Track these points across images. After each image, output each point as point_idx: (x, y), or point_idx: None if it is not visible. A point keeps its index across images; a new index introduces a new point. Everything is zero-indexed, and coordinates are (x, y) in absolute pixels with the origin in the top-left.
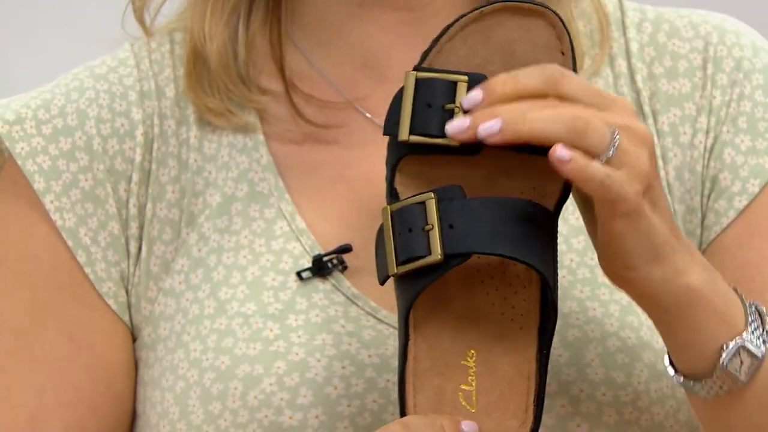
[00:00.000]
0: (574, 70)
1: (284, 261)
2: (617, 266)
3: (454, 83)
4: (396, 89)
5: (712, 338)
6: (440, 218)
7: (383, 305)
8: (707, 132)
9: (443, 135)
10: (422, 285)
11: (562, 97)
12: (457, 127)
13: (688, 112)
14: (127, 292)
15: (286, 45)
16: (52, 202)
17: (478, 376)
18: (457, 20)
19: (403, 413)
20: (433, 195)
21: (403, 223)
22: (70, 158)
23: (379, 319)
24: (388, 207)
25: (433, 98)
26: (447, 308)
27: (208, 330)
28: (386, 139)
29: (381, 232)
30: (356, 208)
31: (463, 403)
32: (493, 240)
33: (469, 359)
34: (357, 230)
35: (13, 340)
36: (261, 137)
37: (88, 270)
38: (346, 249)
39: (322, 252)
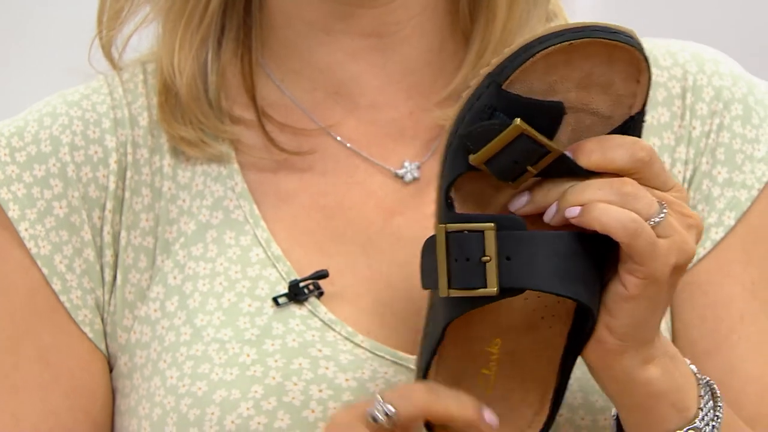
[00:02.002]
0: (646, 99)
1: (260, 287)
2: (608, 329)
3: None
4: (368, 116)
5: (663, 424)
6: (498, 250)
7: (360, 330)
8: (686, 163)
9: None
10: (469, 308)
11: (639, 180)
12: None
13: (667, 142)
14: (102, 320)
15: (257, 74)
16: (26, 229)
17: (500, 363)
18: (543, 47)
19: None
20: (493, 225)
21: (461, 251)
22: (45, 185)
23: (356, 344)
24: (444, 226)
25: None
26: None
27: (184, 357)
28: (361, 165)
29: (432, 247)
30: (331, 235)
31: (481, 385)
32: (551, 277)
33: (493, 347)
34: (332, 256)
35: None
36: (236, 166)
37: (63, 298)
38: (322, 275)
39: (299, 278)
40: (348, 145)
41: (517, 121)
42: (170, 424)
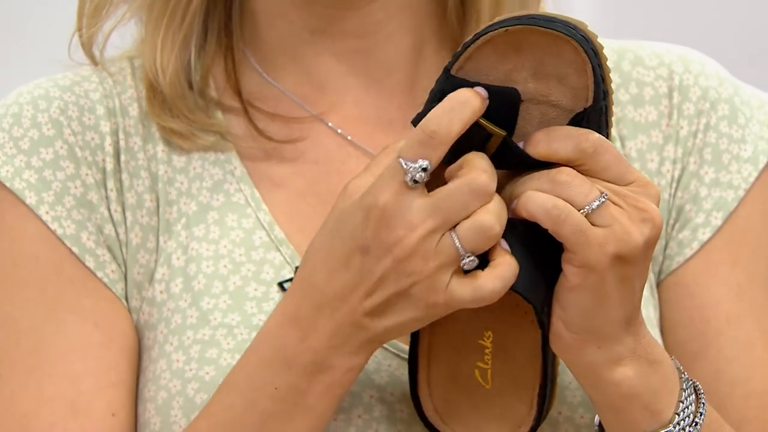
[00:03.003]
0: (597, 90)
1: (265, 271)
2: (562, 321)
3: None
4: (356, 109)
5: (635, 425)
6: None
7: None
8: (674, 162)
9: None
10: None
11: (586, 171)
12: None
13: (655, 140)
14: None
15: (245, 68)
16: (47, 212)
17: (493, 356)
18: (484, 32)
19: (414, 390)
20: None
21: None
22: (56, 167)
23: None
24: None
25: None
26: None
27: (191, 340)
28: (354, 153)
29: None
30: None
31: (479, 379)
32: None
33: (485, 339)
34: None
35: (34, 339)
36: (233, 152)
37: (99, 274)
38: None
39: None
40: (339, 131)
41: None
42: (176, 408)
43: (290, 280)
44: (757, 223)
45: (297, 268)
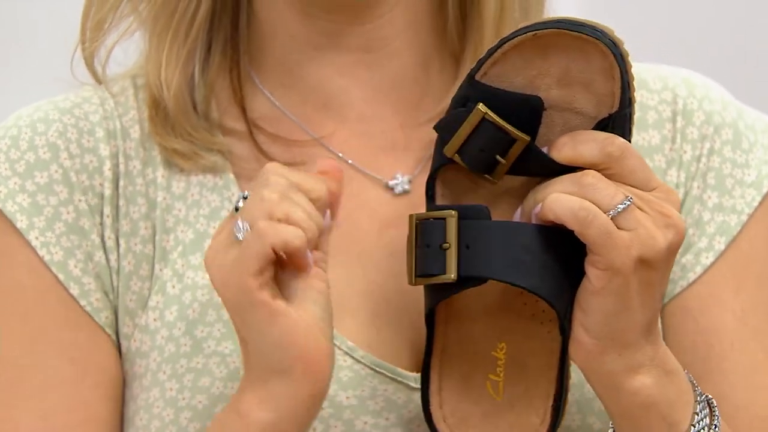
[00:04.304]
0: (624, 96)
1: None
2: (583, 326)
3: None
4: (358, 128)
5: None
6: (459, 238)
7: (360, 344)
8: (677, 186)
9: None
10: (439, 299)
11: (611, 176)
12: None
13: (658, 164)
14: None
15: (247, 87)
16: (37, 237)
17: (506, 368)
18: (511, 37)
19: (425, 400)
20: (454, 213)
21: (423, 237)
22: (49, 192)
23: (356, 359)
24: (414, 215)
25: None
26: (481, 300)
27: (184, 369)
28: (355, 177)
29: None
30: (330, 245)
31: (490, 391)
32: (509, 267)
33: (499, 351)
34: (331, 266)
35: (13, 372)
36: (231, 176)
37: (83, 302)
38: None
39: None
40: (340, 155)
41: (479, 105)
42: None
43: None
44: (761, 248)
45: None
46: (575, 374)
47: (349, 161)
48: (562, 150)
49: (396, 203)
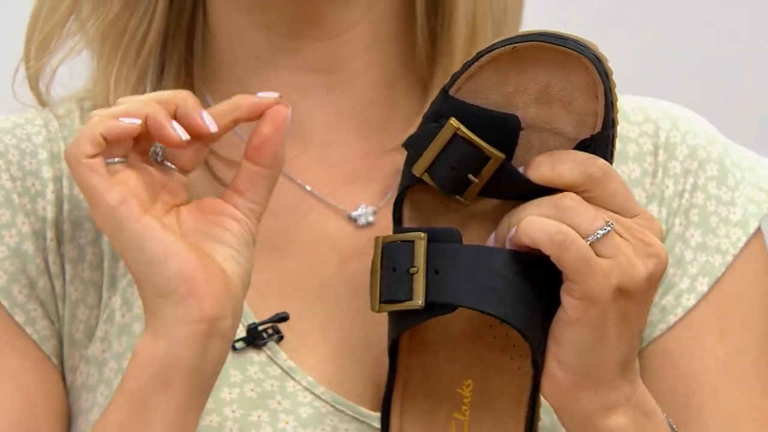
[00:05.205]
0: (607, 117)
1: None
2: (557, 360)
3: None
4: (321, 154)
5: None
6: (428, 262)
7: (320, 380)
8: None
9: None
10: (404, 327)
11: (591, 199)
12: None
13: (638, 199)
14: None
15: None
16: None
17: (472, 406)
18: (488, 50)
19: None
20: (423, 235)
21: (389, 260)
22: None
23: (316, 396)
24: (380, 238)
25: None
26: (448, 334)
27: None
28: (315, 206)
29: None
30: (285, 277)
31: (454, 431)
32: (480, 294)
33: (465, 388)
34: (288, 300)
35: None
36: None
37: (29, 330)
38: (283, 318)
39: (257, 321)
40: (299, 181)
41: (451, 119)
42: None
43: (242, 339)
44: (747, 291)
45: (249, 326)
46: (547, 416)
47: (309, 188)
48: (539, 169)
49: (359, 236)
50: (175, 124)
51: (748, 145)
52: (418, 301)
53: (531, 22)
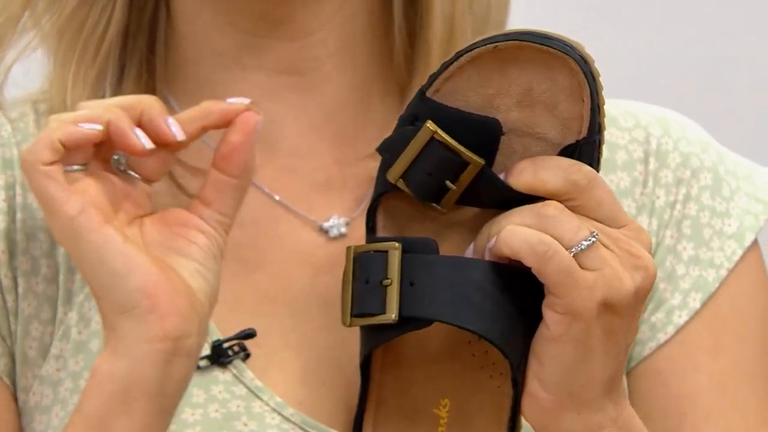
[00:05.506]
0: (593, 121)
1: None
2: (538, 379)
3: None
4: (290, 163)
5: None
6: (402, 274)
7: (289, 401)
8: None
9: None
10: (377, 342)
11: (575, 208)
12: None
13: (627, 210)
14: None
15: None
16: None
17: (448, 427)
18: (468, 49)
19: None
20: (398, 245)
21: (362, 272)
22: None
23: (285, 417)
24: (352, 248)
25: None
26: (425, 350)
27: None
28: (284, 216)
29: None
30: (253, 291)
31: None
32: (457, 308)
33: (441, 408)
34: (256, 315)
35: None
36: None
37: None
38: (249, 334)
39: (222, 338)
40: (266, 190)
41: (428, 122)
42: None
43: (206, 357)
44: (743, 305)
45: (213, 343)
46: None
47: (278, 198)
48: (521, 176)
49: (331, 247)
50: (138, 131)
51: (743, 145)
52: (392, 314)
53: (519, 20)
